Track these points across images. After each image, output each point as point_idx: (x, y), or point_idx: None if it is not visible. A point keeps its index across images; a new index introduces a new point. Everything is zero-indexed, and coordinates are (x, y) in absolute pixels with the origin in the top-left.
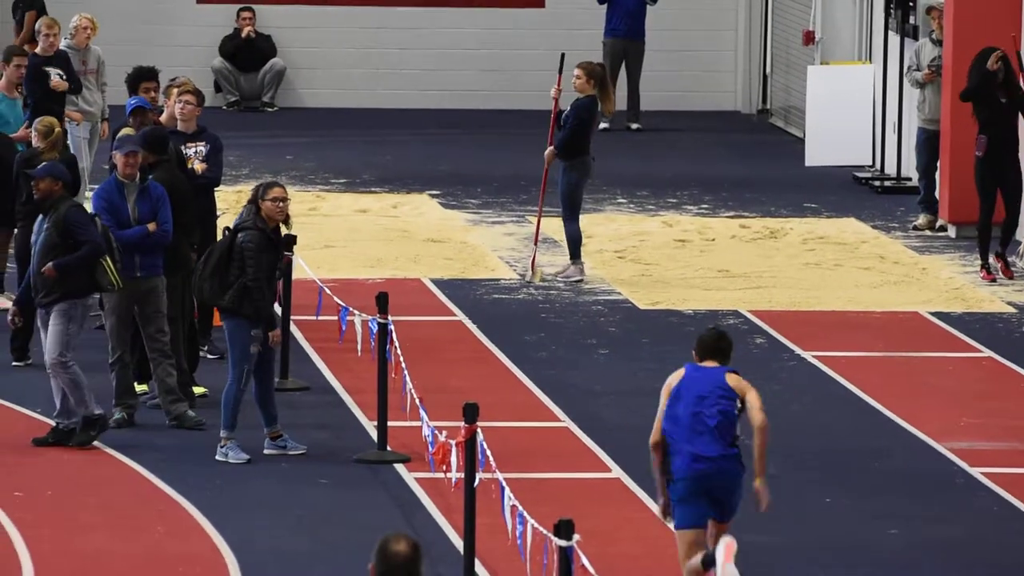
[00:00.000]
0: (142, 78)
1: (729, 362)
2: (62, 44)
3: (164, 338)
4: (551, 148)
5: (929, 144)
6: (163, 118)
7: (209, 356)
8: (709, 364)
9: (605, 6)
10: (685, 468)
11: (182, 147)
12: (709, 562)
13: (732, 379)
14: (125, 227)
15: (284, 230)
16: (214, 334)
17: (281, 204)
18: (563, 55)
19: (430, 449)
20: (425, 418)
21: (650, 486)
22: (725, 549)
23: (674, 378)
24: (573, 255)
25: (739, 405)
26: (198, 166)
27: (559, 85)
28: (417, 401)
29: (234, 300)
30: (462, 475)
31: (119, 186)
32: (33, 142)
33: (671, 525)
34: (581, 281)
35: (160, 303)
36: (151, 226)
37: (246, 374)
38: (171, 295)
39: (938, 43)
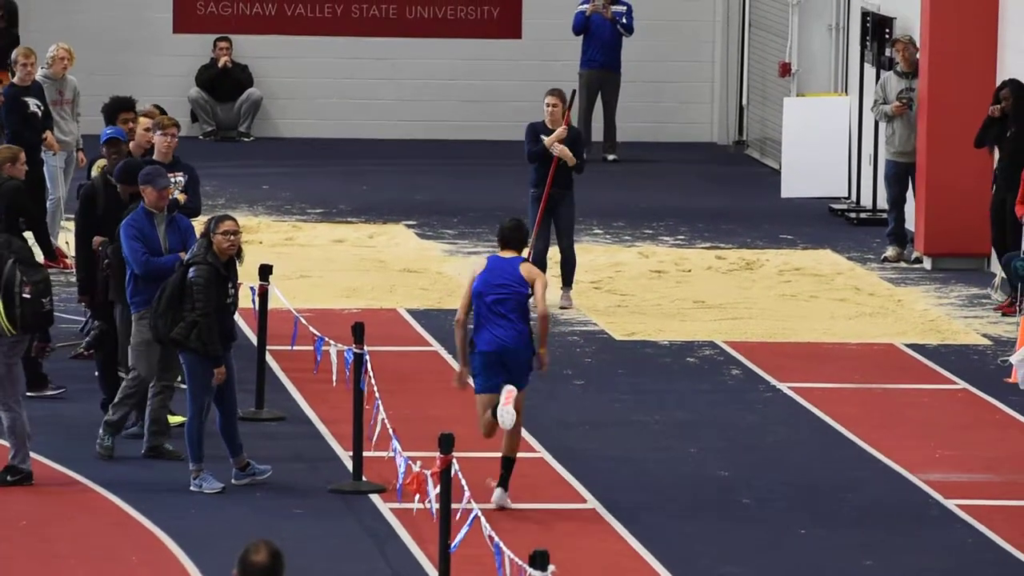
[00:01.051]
0: (120, 108)
1: (522, 252)
2: (38, 74)
3: (174, 371)
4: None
5: (899, 177)
6: (131, 147)
7: (182, 386)
8: (507, 254)
9: (581, 37)
10: (485, 344)
11: None
12: (494, 412)
13: (524, 269)
14: (157, 255)
15: (238, 264)
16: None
17: (232, 238)
18: (574, 91)
19: (400, 479)
20: (398, 449)
21: (624, 516)
22: (506, 394)
23: (478, 266)
24: (571, 282)
25: (530, 291)
26: (179, 196)
27: (567, 119)
28: (390, 431)
29: (183, 334)
30: (437, 506)
31: (148, 216)
32: None
33: (463, 385)
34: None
35: None
36: (183, 255)
37: (206, 406)
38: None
39: (903, 75)
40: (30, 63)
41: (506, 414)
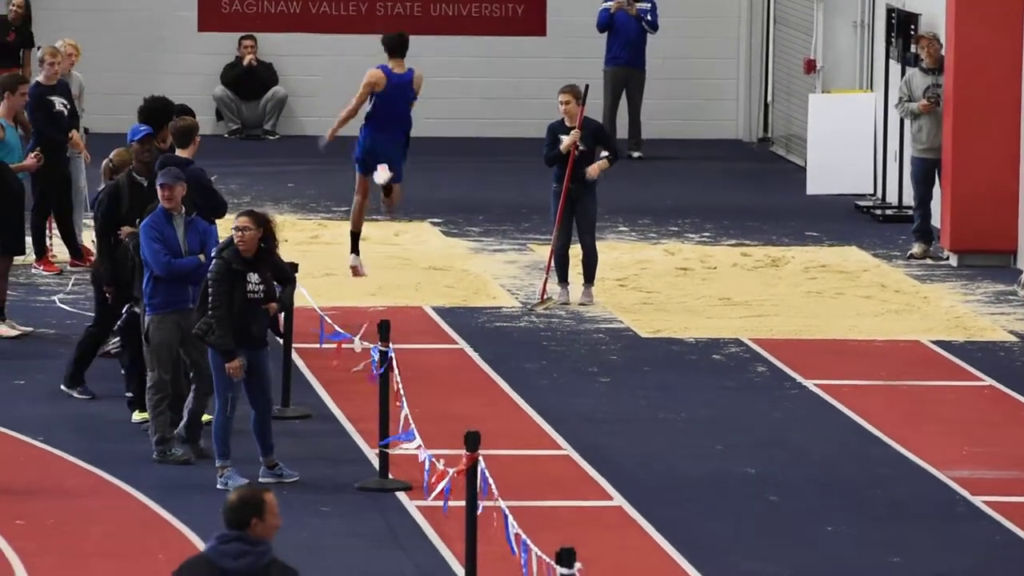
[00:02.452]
0: (162, 114)
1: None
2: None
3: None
4: (605, 157)
5: (925, 174)
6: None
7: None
8: (399, 67)
9: (605, 34)
10: (369, 141)
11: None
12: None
13: (416, 78)
14: (177, 257)
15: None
16: None
17: (240, 234)
18: (587, 86)
19: (426, 477)
20: (421, 445)
21: (650, 514)
22: (380, 169)
23: (380, 76)
24: (593, 278)
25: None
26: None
27: (582, 115)
28: (412, 428)
29: (203, 329)
30: (462, 503)
31: (168, 217)
32: None
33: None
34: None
35: None
36: (202, 257)
37: (231, 401)
38: None
39: (928, 71)
40: (56, 61)
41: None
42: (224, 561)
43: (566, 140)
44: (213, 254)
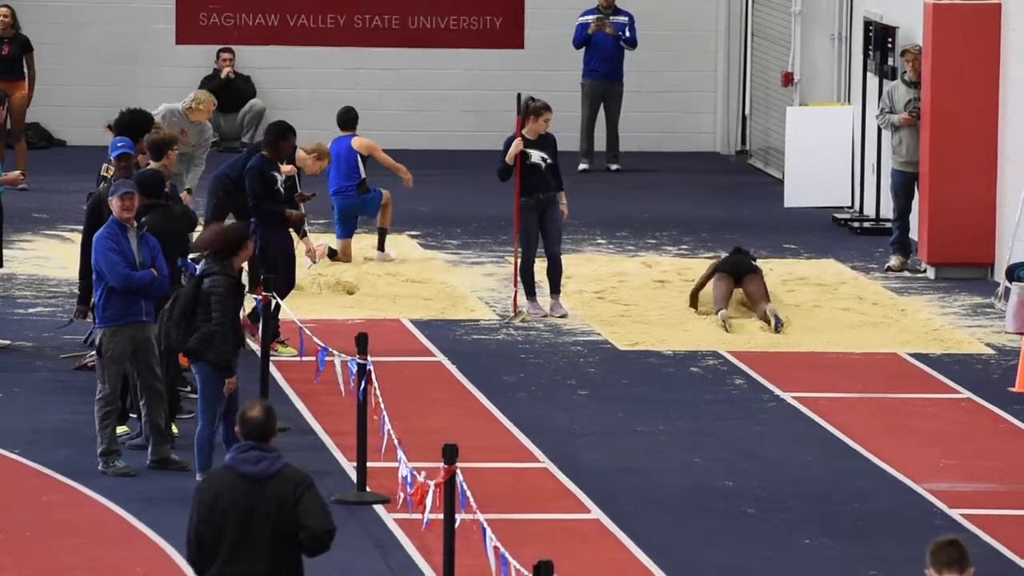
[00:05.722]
0: (140, 126)
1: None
2: (175, 106)
3: (159, 381)
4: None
5: (906, 187)
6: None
7: (191, 395)
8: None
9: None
10: None
11: None
12: None
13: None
14: (133, 270)
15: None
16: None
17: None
18: (519, 96)
19: (408, 490)
20: (403, 459)
21: (628, 527)
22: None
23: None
24: (559, 288)
25: None
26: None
27: (517, 127)
28: (396, 442)
29: (199, 344)
30: (439, 516)
31: (122, 228)
32: None
33: None
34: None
35: (155, 348)
36: (154, 271)
37: (218, 416)
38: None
39: (911, 85)
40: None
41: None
42: (244, 467)
43: (511, 150)
44: (205, 270)
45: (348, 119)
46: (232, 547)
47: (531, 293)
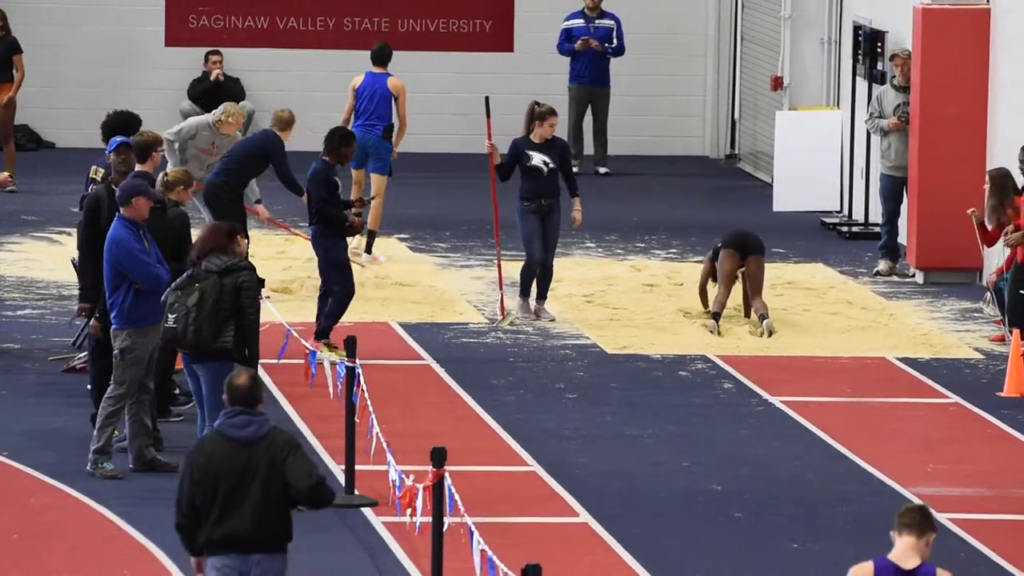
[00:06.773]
0: (125, 128)
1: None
2: (207, 119)
3: (151, 380)
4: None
5: (894, 191)
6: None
7: (183, 398)
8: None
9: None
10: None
11: None
12: None
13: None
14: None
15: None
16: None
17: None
18: (487, 98)
19: (397, 493)
20: (392, 462)
21: (617, 530)
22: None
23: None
24: (546, 294)
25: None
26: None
27: (489, 127)
28: (384, 445)
29: (235, 342)
30: (428, 519)
31: (138, 229)
32: None
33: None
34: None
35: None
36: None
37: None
38: None
39: (900, 89)
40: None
41: None
42: (233, 432)
43: (489, 153)
44: (230, 265)
45: (383, 55)
46: (222, 509)
47: (525, 292)
